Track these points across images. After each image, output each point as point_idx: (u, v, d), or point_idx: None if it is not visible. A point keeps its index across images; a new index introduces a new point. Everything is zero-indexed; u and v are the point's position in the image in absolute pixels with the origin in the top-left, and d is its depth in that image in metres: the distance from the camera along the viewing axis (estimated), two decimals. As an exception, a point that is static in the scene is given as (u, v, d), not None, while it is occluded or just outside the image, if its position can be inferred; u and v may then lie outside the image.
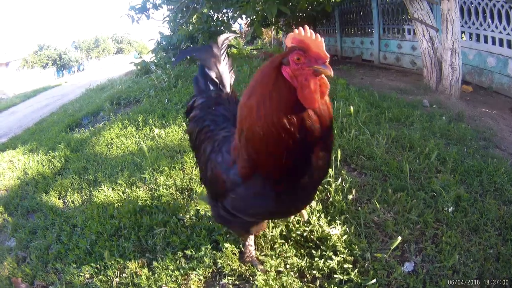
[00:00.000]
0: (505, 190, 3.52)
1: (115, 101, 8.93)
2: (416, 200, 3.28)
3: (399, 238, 2.70)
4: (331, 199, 3.36)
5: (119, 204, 3.85)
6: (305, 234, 2.95)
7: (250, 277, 2.73)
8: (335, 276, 2.58)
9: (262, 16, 9.96)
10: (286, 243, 2.92)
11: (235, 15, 12.28)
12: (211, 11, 12.81)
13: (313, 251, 2.80)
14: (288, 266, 2.74)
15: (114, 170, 4.73)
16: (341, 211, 3.21)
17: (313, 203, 3.23)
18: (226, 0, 10.96)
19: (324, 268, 2.65)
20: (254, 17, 10.34)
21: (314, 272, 2.65)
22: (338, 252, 2.75)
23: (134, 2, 12.51)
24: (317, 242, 2.90)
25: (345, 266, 2.63)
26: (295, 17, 13.12)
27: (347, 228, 2.96)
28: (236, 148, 2.00)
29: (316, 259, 2.72)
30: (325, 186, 3.49)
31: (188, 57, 12.65)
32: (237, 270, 2.77)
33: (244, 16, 12.87)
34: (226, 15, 13.91)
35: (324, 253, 2.77)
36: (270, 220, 3.02)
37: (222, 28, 12.93)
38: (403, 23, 10.86)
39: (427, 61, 7.91)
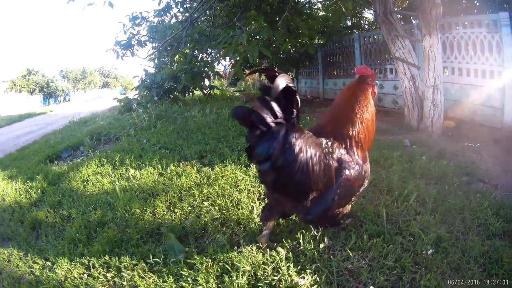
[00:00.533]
0: (489, 224, 3.41)
1: (96, 137, 9.06)
2: (393, 245, 3.13)
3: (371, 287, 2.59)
4: (302, 247, 3.22)
5: (90, 243, 3.81)
6: (273, 283, 2.82)
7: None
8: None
9: (243, 58, 9.95)
10: (254, 292, 2.78)
11: (217, 56, 12.31)
12: (195, 51, 12.84)
13: (282, 301, 2.67)
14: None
15: (87, 208, 4.67)
16: (312, 259, 3.07)
17: (283, 252, 3.12)
18: (209, 41, 11.11)
19: (294, 319, 2.47)
20: (237, 58, 10.34)
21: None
22: (308, 302, 2.59)
23: (120, 37, 13.05)
24: (287, 291, 2.76)
25: (315, 316, 2.45)
26: (278, 59, 13.20)
27: (317, 278, 2.82)
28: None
29: (285, 309, 2.54)
30: (297, 235, 3.37)
31: (171, 96, 13.29)
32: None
33: (227, 58, 13.05)
34: (211, 56, 14.00)
35: (293, 303, 2.60)
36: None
37: (206, 69, 12.98)
38: (385, 63, 10.97)
39: (408, 99, 7.93)
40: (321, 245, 3.20)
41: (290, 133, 2.54)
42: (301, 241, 3.27)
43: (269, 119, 2.44)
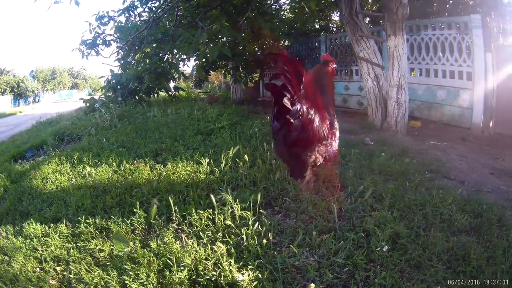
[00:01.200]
0: (454, 220, 3.30)
1: (59, 137, 9.05)
2: (344, 242, 2.98)
3: (312, 285, 2.49)
4: (246, 243, 3.08)
5: (44, 238, 3.77)
6: (213, 278, 2.74)
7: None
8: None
9: (203, 58, 9.80)
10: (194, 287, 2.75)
11: (180, 56, 12.17)
12: (161, 51, 12.69)
13: (223, 296, 2.66)
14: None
15: (44, 205, 4.63)
16: (256, 255, 2.92)
17: (224, 247, 2.99)
18: (172, 41, 10.94)
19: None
20: (202, 59, 10.19)
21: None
22: (249, 298, 2.59)
23: (86, 36, 12.80)
24: (227, 287, 2.69)
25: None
26: (242, 60, 13.00)
27: (259, 274, 2.67)
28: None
29: (226, 305, 2.59)
30: (240, 230, 3.26)
31: (136, 97, 13.24)
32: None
33: (192, 59, 13.06)
34: (175, 56, 13.76)
35: (233, 299, 2.62)
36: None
37: (170, 69, 12.72)
38: (351, 65, 11.08)
39: (371, 99, 7.91)
40: (264, 241, 3.06)
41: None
42: (244, 236, 3.13)
43: (292, 90, 3.12)
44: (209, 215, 3.58)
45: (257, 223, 3.30)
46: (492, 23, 7.44)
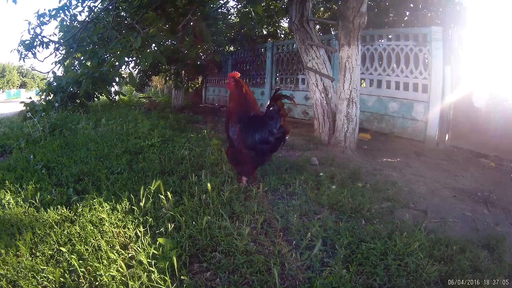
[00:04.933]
0: (421, 270, 2.77)
1: None
2: None
3: None
4: None
5: None
6: None
7: None
8: None
9: (137, 64, 9.32)
10: None
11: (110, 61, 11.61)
12: (98, 55, 11.99)
13: None
14: None
15: None
16: None
17: None
18: (107, 44, 10.49)
19: None
20: (146, 65, 9.68)
21: None
22: None
23: (26, 36, 12.33)
24: None
25: None
26: (185, 65, 12.79)
27: None
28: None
29: None
30: None
31: (78, 101, 12.76)
32: None
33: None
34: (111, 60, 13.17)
35: None
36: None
37: (110, 73, 12.04)
38: (298, 73, 11.04)
39: (319, 112, 7.59)
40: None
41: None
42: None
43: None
44: (122, 278, 2.85)
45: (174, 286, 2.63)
46: (454, 36, 7.22)
